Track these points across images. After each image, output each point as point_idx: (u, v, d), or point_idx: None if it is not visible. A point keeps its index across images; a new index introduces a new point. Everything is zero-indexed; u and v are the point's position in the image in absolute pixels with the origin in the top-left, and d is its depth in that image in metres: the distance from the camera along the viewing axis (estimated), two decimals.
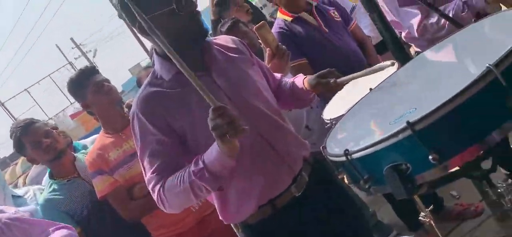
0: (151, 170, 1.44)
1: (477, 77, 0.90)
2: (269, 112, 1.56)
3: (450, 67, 1.29)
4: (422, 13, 2.08)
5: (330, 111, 1.85)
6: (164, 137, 1.44)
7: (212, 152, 1.34)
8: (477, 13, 1.95)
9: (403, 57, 2.02)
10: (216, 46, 1.59)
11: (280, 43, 2.11)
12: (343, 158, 1.04)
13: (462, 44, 1.36)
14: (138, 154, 1.50)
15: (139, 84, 3.69)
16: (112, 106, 2.32)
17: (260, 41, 2.29)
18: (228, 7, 3.15)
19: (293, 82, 1.74)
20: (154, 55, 1.54)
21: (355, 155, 1.02)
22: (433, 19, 2.04)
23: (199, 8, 1.48)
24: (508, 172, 2.28)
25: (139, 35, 1.52)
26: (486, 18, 1.38)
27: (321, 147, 1.22)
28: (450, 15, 1.96)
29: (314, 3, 2.60)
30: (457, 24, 1.77)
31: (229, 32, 2.61)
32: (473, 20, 1.38)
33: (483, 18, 1.40)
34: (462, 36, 1.41)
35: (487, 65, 0.90)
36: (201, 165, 1.35)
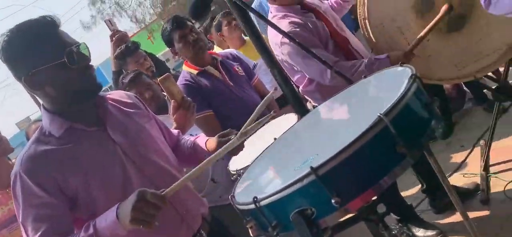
0: (36, 236, 1.31)
1: (370, 126, 0.98)
2: (168, 167, 1.54)
3: (345, 117, 1.40)
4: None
5: (236, 162, 1.87)
6: (52, 199, 1.34)
7: (107, 219, 1.28)
8: None
9: (302, 110, 2.14)
10: (110, 101, 1.54)
11: (185, 95, 2.11)
12: (252, 206, 1.05)
13: (356, 96, 1.49)
14: (20, 219, 1.36)
15: (28, 138, 3.38)
16: (2, 158, 2.09)
17: (164, 93, 2.27)
18: (127, 62, 3.12)
19: (195, 142, 1.74)
20: (43, 111, 1.44)
21: (263, 202, 1.03)
22: (328, 73, 2.22)
23: (92, 63, 1.44)
24: (398, 217, 2.50)
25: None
26: (373, 75, 1.54)
27: (229, 196, 1.22)
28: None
29: (219, 58, 2.67)
30: (347, 79, 1.94)
31: (131, 83, 2.56)
32: (363, 76, 1.52)
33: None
34: (354, 90, 1.54)
35: (378, 114, 0.99)
36: (91, 231, 1.28)
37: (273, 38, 2.40)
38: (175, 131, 1.82)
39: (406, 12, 2.34)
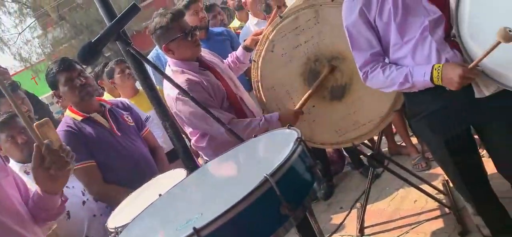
0: None
1: (256, 186, 0.98)
2: (19, 230, 1.38)
3: (233, 175, 1.39)
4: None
5: (115, 219, 1.73)
6: None
7: None
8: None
9: (192, 165, 2.10)
10: None
11: (63, 143, 1.94)
12: None
13: (244, 155, 1.50)
14: None
15: None
16: None
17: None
18: (0, 102, 2.84)
19: (35, 192, 1.57)
20: None
21: None
22: (221, 130, 2.22)
23: None
24: None
25: None
26: (263, 134, 1.58)
27: None
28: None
29: (108, 106, 2.54)
30: (238, 137, 1.96)
31: (3, 126, 2.32)
32: (253, 135, 1.55)
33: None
34: (244, 148, 1.56)
35: (264, 175, 1.00)
36: None
37: (169, 92, 2.36)
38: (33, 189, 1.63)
39: (295, 78, 2.50)
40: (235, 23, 4.59)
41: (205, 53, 2.55)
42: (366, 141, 2.87)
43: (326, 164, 3.64)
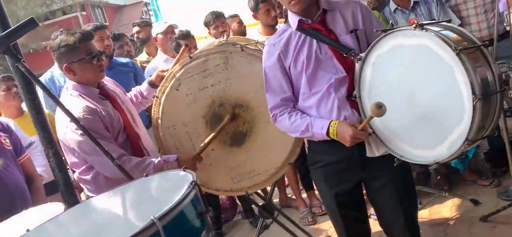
0: None
1: (140, 229, 0.92)
2: None
3: (117, 216, 1.30)
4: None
5: None
6: None
7: None
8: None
9: (72, 200, 1.93)
10: None
11: None
12: None
13: (133, 194, 1.41)
14: None
15: None
16: None
17: None
18: None
19: None
20: None
21: None
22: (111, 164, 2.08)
23: None
24: None
25: None
26: (156, 174, 1.51)
27: None
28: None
29: None
30: (128, 175, 1.85)
31: None
32: (144, 175, 1.47)
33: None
34: (134, 186, 1.46)
35: (152, 217, 0.94)
36: None
37: (60, 117, 2.17)
38: None
39: (197, 120, 2.47)
40: (143, 56, 4.48)
41: (108, 82, 2.42)
42: (259, 191, 2.91)
43: (217, 210, 3.60)
